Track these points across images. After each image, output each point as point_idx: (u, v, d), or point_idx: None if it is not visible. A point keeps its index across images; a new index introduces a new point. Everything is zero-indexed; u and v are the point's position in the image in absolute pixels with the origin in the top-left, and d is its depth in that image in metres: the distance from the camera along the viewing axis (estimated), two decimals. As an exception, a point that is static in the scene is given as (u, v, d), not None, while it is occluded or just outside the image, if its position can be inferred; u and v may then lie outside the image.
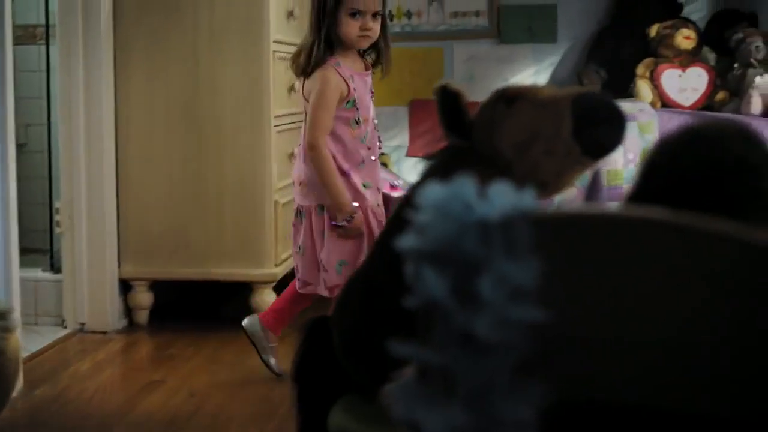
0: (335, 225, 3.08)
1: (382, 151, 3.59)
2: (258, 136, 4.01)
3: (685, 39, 4.92)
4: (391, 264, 1.24)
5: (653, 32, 4.99)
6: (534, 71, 5.46)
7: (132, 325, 4.20)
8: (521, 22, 5.43)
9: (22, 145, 5.18)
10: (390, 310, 1.28)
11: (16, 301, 3.35)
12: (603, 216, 1.12)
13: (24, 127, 5.16)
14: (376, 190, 3.20)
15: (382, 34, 3.15)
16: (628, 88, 4.89)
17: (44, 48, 4.66)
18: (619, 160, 4.23)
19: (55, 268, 4.29)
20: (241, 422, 3.07)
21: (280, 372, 3.38)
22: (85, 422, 3.11)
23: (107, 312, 4.10)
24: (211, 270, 4.09)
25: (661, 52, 4.94)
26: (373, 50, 3.21)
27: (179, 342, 3.92)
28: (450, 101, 1.83)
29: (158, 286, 4.24)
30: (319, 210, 3.16)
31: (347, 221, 3.06)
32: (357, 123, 3.13)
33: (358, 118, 3.12)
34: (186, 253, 4.09)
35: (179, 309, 4.45)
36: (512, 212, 1.08)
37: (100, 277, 4.09)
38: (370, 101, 3.20)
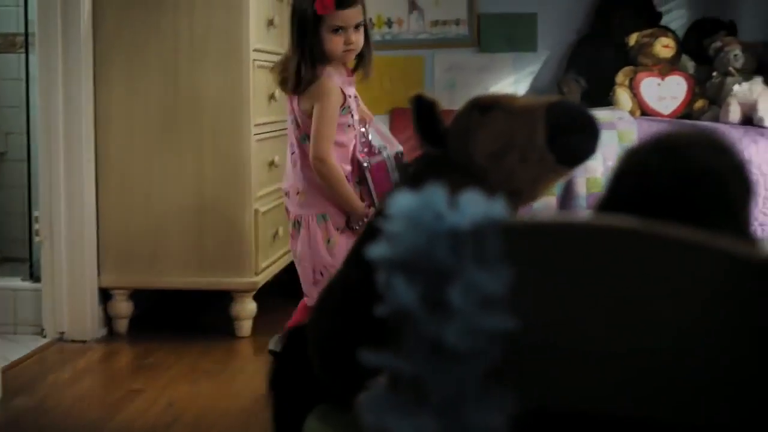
0: (353, 230, 3.09)
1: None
2: (238, 144, 4.01)
3: (664, 47, 4.94)
4: (365, 273, 1.25)
5: (632, 41, 5.01)
6: (514, 80, 5.48)
7: (112, 334, 4.18)
8: (501, 30, 5.44)
9: (2, 154, 5.18)
10: (364, 319, 1.28)
11: (-6, 310, 3.34)
12: (574, 225, 1.13)
13: (4, 135, 5.16)
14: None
15: (365, 40, 3.15)
16: (608, 97, 4.91)
17: (24, 57, 4.65)
18: (598, 168, 4.25)
19: (34, 277, 4.27)
20: (220, 431, 3.06)
21: None
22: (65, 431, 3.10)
23: (87, 321, 4.09)
24: (191, 279, 4.09)
25: (641, 60, 4.97)
26: (357, 56, 3.21)
27: (159, 351, 3.91)
28: (425, 110, 1.83)
29: (138, 295, 4.23)
30: (319, 219, 3.15)
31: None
32: (350, 127, 3.13)
33: (351, 122, 3.13)
34: (166, 262, 4.08)
35: (159, 318, 4.44)
36: (483, 221, 1.08)
37: (80, 286, 4.08)
38: (356, 105, 3.21)
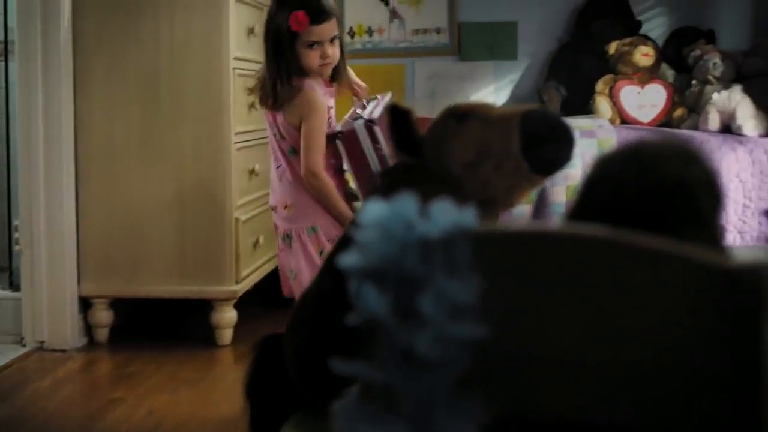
0: None
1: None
2: (218, 152, 4.01)
3: (643, 56, 4.97)
4: (339, 282, 1.25)
5: (612, 49, 5.04)
6: (495, 88, 5.49)
7: (92, 343, 4.17)
8: (482, 39, 5.46)
9: (-18, 163, 5.16)
10: (338, 329, 1.28)
11: (-27, 319, 3.33)
12: (545, 234, 1.14)
13: (-17, 144, 5.14)
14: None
15: (341, 52, 3.16)
16: (588, 105, 4.93)
17: (3, 65, 4.63)
18: (578, 176, 4.26)
19: (14, 285, 4.26)
20: (200, 440, 3.07)
21: None
22: (44, 441, 3.09)
23: (67, 330, 4.08)
24: (171, 287, 4.08)
25: (620, 69, 4.99)
26: (335, 69, 3.21)
27: (139, 360, 3.90)
28: (400, 119, 1.84)
29: (118, 304, 4.22)
30: (309, 231, 3.14)
31: None
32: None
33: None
34: (146, 270, 4.08)
35: (139, 327, 4.43)
36: (453, 230, 1.09)
37: (60, 295, 4.07)
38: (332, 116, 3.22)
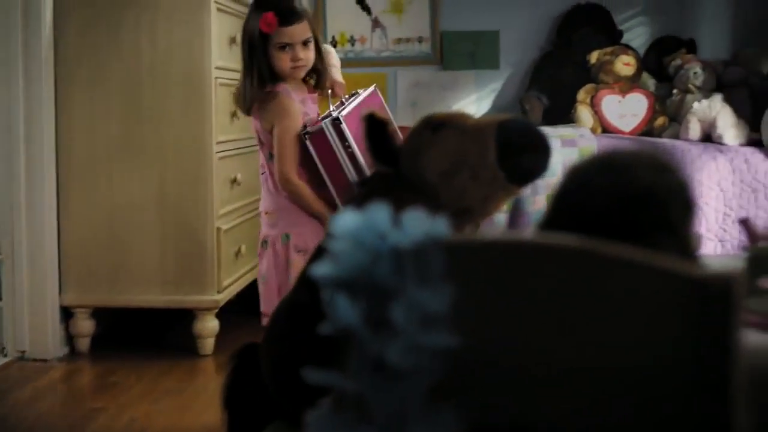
0: None
1: None
2: (200, 161, 4.01)
3: (624, 65, 4.99)
4: (315, 293, 1.25)
5: (593, 59, 5.05)
6: (477, 97, 5.51)
7: (73, 352, 4.16)
8: (464, 48, 5.48)
9: (-37, 172, 5.14)
10: (315, 339, 1.29)
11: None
12: (517, 243, 1.14)
13: (-35, 153, 5.12)
14: None
15: (318, 57, 3.15)
16: (570, 114, 4.94)
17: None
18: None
19: (-5, 295, 4.25)
20: (180, 450, 3.06)
21: None
22: (24, 451, 3.08)
23: (48, 340, 4.06)
24: (152, 297, 4.08)
25: (602, 78, 5.01)
26: (313, 74, 3.20)
27: (121, 370, 3.90)
28: (377, 129, 1.84)
29: (100, 314, 4.21)
30: (283, 239, 3.13)
31: None
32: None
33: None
34: (127, 280, 4.07)
35: (121, 336, 4.42)
36: (425, 240, 1.09)
37: (41, 305, 4.06)
38: None
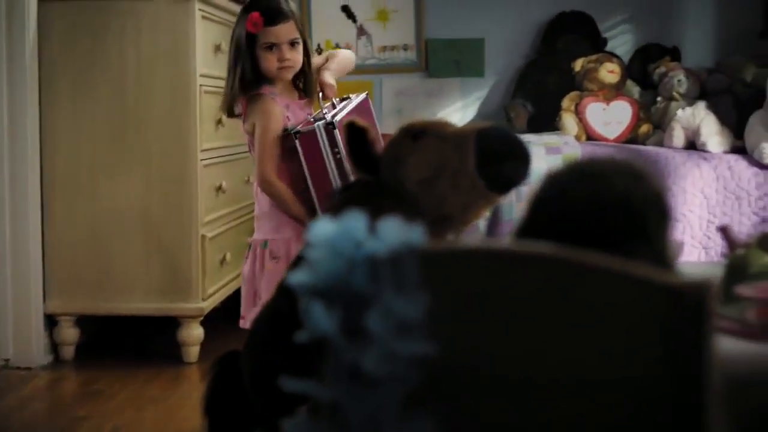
0: None
1: None
2: (184, 169, 4.01)
3: (609, 73, 5.00)
4: (295, 301, 1.26)
5: (578, 66, 5.07)
6: (462, 105, 5.52)
7: (58, 360, 4.15)
8: (449, 56, 5.49)
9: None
10: (295, 347, 1.29)
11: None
12: (493, 251, 1.15)
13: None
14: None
15: (306, 60, 3.14)
16: (554, 121, 4.96)
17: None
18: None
19: (-21, 303, 4.24)
20: (164, 458, 3.06)
21: None
22: (8, 460, 3.08)
23: (32, 348, 4.06)
24: (137, 305, 4.07)
25: (586, 85, 5.02)
26: (301, 76, 3.18)
27: (105, 378, 3.89)
28: (357, 138, 1.85)
29: (84, 321, 4.21)
30: (263, 245, 3.13)
31: None
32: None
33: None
34: (112, 288, 4.07)
35: (106, 344, 4.41)
36: (401, 248, 1.10)
37: (25, 313, 4.05)
38: None
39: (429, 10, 5.52)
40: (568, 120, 4.91)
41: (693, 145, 4.64)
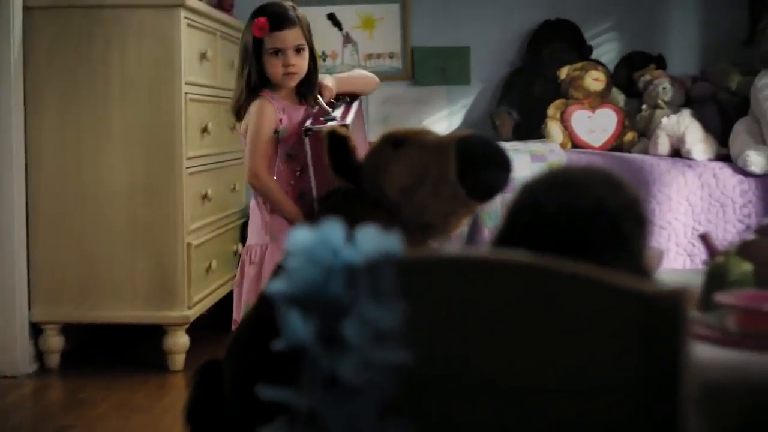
0: None
1: None
2: (170, 177, 4.01)
3: (594, 81, 5.01)
4: (274, 309, 1.26)
5: (563, 74, 5.08)
6: (448, 112, 5.53)
7: (43, 369, 4.14)
8: (435, 64, 5.50)
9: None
10: (275, 355, 1.29)
11: None
12: (470, 260, 1.15)
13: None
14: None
15: (313, 66, 3.14)
16: (540, 129, 4.97)
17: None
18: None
19: (-36, 312, 4.23)
20: (149, 466, 3.05)
21: None
22: (-9, 469, 3.07)
23: (17, 356, 4.05)
24: (122, 313, 4.07)
25: (572, 93, 5.03)
26: (307, 83, 3.17)
27: (90, 386, 3.88)
28: (339, 146, 1.85)
29: (69, 330, 4.20)
30: (250, 249, 3.13)
31: None
32: (289, 156, 3.08)
33: (290, 152, 3.07)
34: (97, 296, 4.06)
35: (91, 352, 4.41)
36: (378, 257, 1.10)
37: (10, 321, 4.04)
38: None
39: (415, 18, 5.53)
40: (554, 128, 4.92)
41: (678, 152, 4.66)
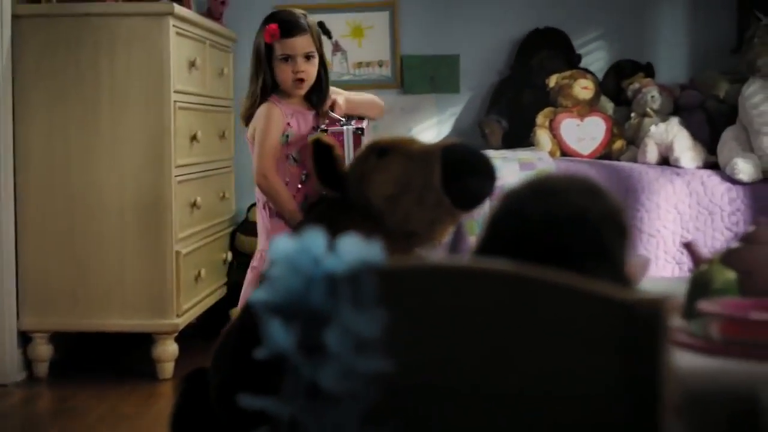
0: None
1: None
2: (159, 185, 4.01)
3: (583, 89, 5.02)
4: (258, 317, 1.26)
5: (552, 82, 5.09)
6: (437, 121, 5.53)
7: (32, 377, 4.14)
8: (424, 72, 5.51)
9: None
10: (260, 363, 1.30)
11: None
12: (450, 268, 1.16)
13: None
14: None
15: (323, 73, 3.15)
16: (529, 137, 4.98)
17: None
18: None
19: (-48, 320, 4.22)
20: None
21: None
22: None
23: (6, 365, 4.04)
24: (111, 321, 4.07)
25: (561, 101, 5.04)
26: (317, 91, 3.18)
27: (79, 395, 3.88)
28: (324, 154, 1.86)
29: (58, 338, 4.20)
30: (256, 254, 3.15)
31: None
32: (295, 161, 3.09)
33: (296, 157, 3.08)
34: (86, 304, 4.06)
35: (80, 361, 4.40)
36: (359, 265, 1.11)
37: (-1, 330, 4.04)
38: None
39: (404, 26, 5.54)
40: (543, 136, 4.93)
41: (666, 160, 4.67)
